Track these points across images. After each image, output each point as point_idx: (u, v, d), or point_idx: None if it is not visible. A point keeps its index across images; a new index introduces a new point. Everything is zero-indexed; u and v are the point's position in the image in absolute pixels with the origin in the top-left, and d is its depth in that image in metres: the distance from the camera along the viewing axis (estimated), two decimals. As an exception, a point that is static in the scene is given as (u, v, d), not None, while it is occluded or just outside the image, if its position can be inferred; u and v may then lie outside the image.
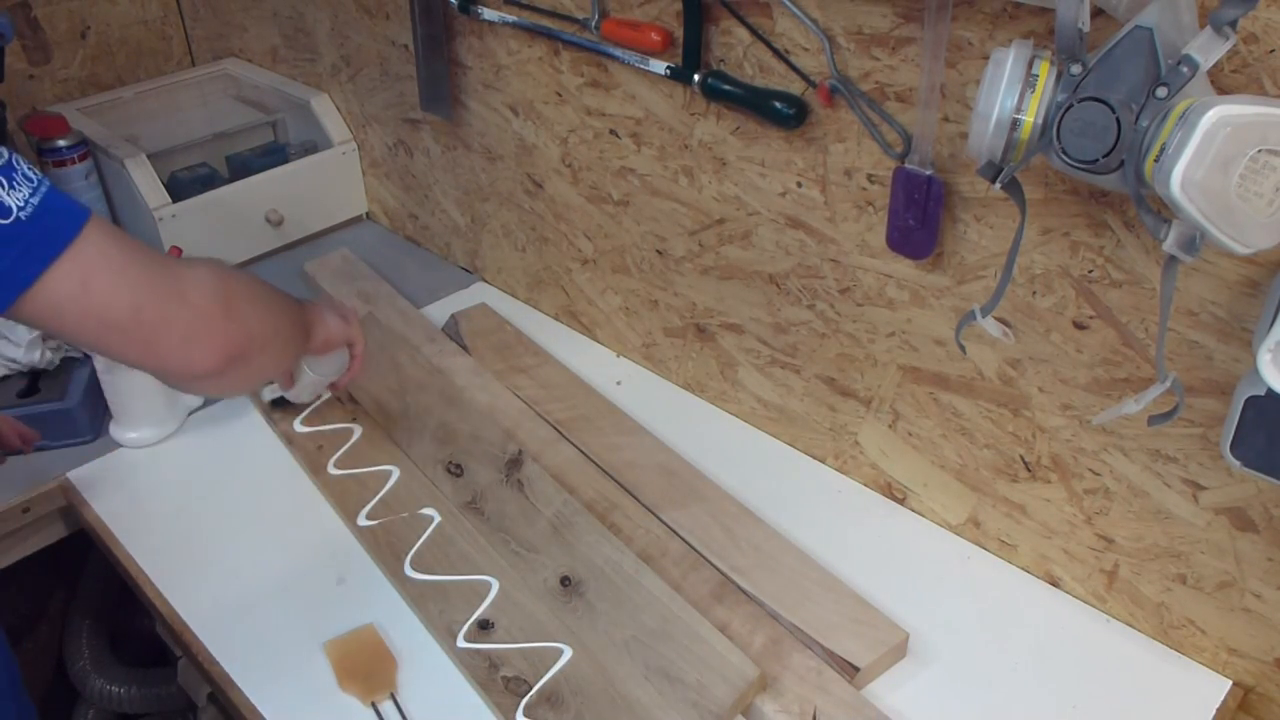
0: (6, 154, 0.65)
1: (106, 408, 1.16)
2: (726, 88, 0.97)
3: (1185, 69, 0.62)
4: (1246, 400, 0.69)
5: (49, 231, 0.64)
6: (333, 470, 1.09)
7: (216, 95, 1.71)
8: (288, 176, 1.51)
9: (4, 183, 0.63)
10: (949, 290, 0.91)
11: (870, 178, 0.92)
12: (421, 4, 1.25)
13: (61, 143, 1.40)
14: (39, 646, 1.43)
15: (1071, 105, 0.66)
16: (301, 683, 0.88)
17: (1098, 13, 0.67)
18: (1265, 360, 0.65)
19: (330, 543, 1.02)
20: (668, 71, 1.01)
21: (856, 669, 0.86)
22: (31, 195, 0.64)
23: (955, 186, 0.86)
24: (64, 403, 1.14)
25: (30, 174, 0.65)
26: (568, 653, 0.87)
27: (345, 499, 1.05)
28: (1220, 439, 0.72)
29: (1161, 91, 0.63)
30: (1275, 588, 0.81)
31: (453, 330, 1.30)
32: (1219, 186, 0.60)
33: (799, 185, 0.97)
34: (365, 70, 1.46)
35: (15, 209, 0.63)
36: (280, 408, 1.16)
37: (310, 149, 1.56)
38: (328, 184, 1.57)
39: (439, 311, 1.37)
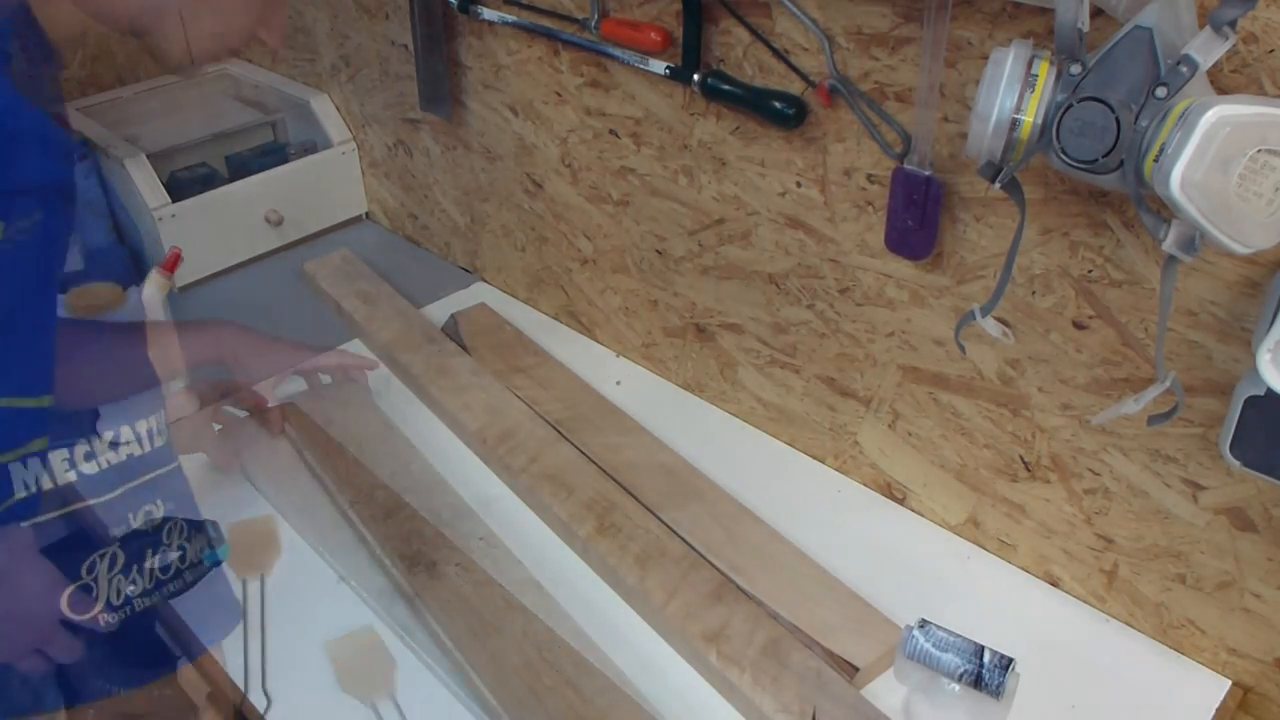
0: None
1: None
2: (726, 88, 0.97)
3: (1185, 69, 0.62)
4: (1246, 400, 0.69)
5: None
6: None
7: (216, 95, 1.70)
8: (287, 176, 1.51)
9: None
10: (948, 290, 0.91)
11: (870, 178, 0.92)
12: (421, 4, 1.25)
13: (61, 143, 1.40)
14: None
15: (1071, 105, 0.66)
16: (301, 683, 0.88)
17: (1097, 13, 0.67)
18: (1265, 360, 0.65)
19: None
20: (667, 71, 1.01)
21: (856, 669, 0.86)
22: None
23: (955, 186, 0.86)
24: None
25: None
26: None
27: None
28: (1220, 439, 0.72)
29: (1161, 91, 0.63)
30: (1275, 588, 0.81)
31: (452, 330, 1.30)
32: (1218, 186, 0.60)
33: (798, 185, 0.97)
34: (365, 70, 1.46)
35: None
36: None
37: (310, 149, 1.56)
38: (327, 184, 1.57)
39: (439, 311, 1.37)
